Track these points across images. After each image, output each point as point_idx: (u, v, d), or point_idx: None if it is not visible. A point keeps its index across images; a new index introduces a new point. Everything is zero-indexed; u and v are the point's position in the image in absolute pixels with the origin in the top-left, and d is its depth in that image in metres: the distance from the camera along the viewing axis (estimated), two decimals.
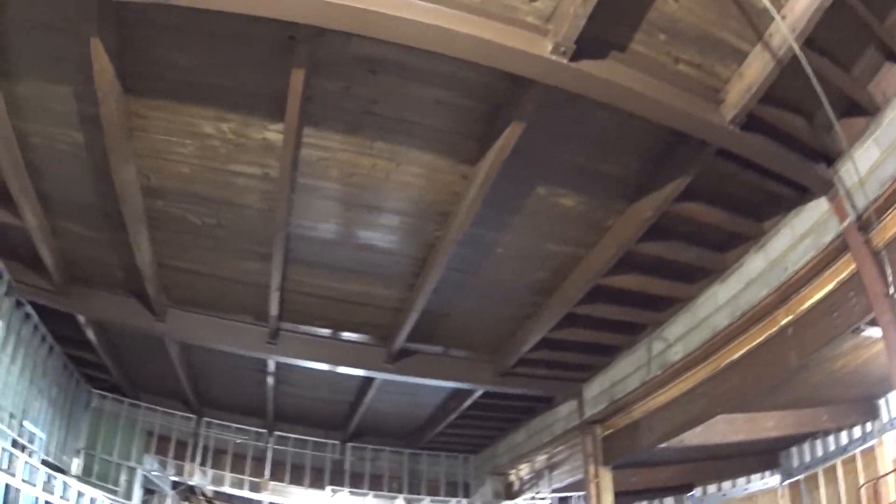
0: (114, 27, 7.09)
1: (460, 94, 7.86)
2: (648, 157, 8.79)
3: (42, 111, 8.73)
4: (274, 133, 8.36)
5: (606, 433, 14.26)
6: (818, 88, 6.71)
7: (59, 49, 7.72)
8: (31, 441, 14.44)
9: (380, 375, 14.94)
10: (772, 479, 13.98)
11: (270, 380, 16.93)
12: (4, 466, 11.01)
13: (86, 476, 18.14)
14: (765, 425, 12.74)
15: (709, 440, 12.97)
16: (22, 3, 7.15)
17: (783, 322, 9.14)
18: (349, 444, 21.96)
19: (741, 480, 14.77)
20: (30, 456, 13.53)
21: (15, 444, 13.21)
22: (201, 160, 9.04)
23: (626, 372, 13.01)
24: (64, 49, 7.63)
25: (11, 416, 13.44)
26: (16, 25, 7.55)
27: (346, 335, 13.79)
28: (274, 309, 12.41)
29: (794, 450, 13.56)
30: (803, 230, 8.82)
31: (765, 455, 14.21)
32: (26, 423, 14.23)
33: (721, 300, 10.40)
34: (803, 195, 8.97)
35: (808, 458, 13.27)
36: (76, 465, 18.32)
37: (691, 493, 16.07)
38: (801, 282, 8.78)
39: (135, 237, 10.40)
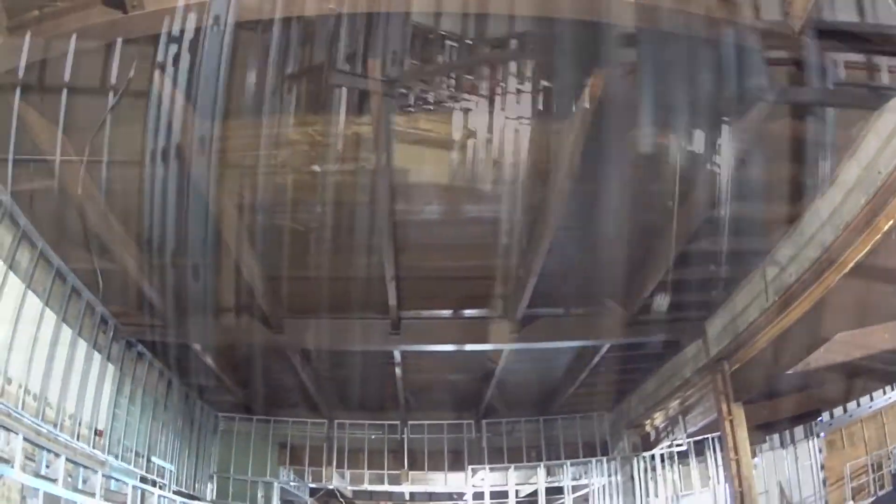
0: None
1: (535, 52, 7.91)
2: (729, 85, 8.65)
3: (118, 152, 9.07)
4: (362, 126, 8.49)
5: (734, 368, 14.15)
6: None
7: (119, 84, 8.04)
8: (161, 475, 15.19)
9: (507, 346, 15.13)
10: (894, 394, 13.76)
11: (398, 370, 17.27)
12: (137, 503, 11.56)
13: (222, 499, 19.07)
14: (882, 337, 12.57)
15: (831, 360, 12.80)
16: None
17: (885, 228, 8.88)
18: (484, 422, 22.29)
19: (865, 399, 14.53)
20: (161, 489, 14.23)
21: (144, 480, 13.91)
22: (292, 167, 9.28)
23: (744, 303, 12.84)
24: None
25: (137, 454, 14.13)
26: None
27: (468, 312, 14.06)
28: (392, 299, 12.67)
29: None
30: (888, 131, 8.53)
31: (885, 370, 14.12)
32: (154, 459, 14.93)
33: (824, 214, 10.13)
34: (881, 95, 8.74)
35: None
36: (210, 489, 19.22)
37: (819, 418, 15.92)
38: None
39: (240, 256, 10.80)
